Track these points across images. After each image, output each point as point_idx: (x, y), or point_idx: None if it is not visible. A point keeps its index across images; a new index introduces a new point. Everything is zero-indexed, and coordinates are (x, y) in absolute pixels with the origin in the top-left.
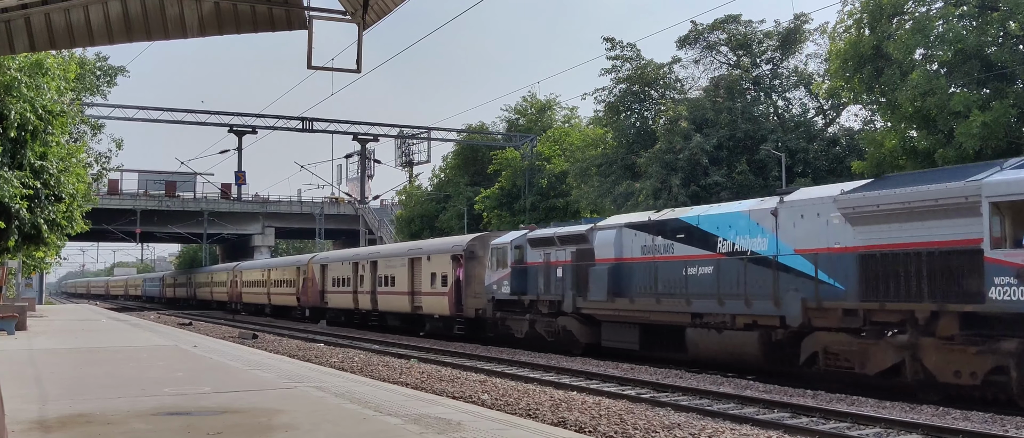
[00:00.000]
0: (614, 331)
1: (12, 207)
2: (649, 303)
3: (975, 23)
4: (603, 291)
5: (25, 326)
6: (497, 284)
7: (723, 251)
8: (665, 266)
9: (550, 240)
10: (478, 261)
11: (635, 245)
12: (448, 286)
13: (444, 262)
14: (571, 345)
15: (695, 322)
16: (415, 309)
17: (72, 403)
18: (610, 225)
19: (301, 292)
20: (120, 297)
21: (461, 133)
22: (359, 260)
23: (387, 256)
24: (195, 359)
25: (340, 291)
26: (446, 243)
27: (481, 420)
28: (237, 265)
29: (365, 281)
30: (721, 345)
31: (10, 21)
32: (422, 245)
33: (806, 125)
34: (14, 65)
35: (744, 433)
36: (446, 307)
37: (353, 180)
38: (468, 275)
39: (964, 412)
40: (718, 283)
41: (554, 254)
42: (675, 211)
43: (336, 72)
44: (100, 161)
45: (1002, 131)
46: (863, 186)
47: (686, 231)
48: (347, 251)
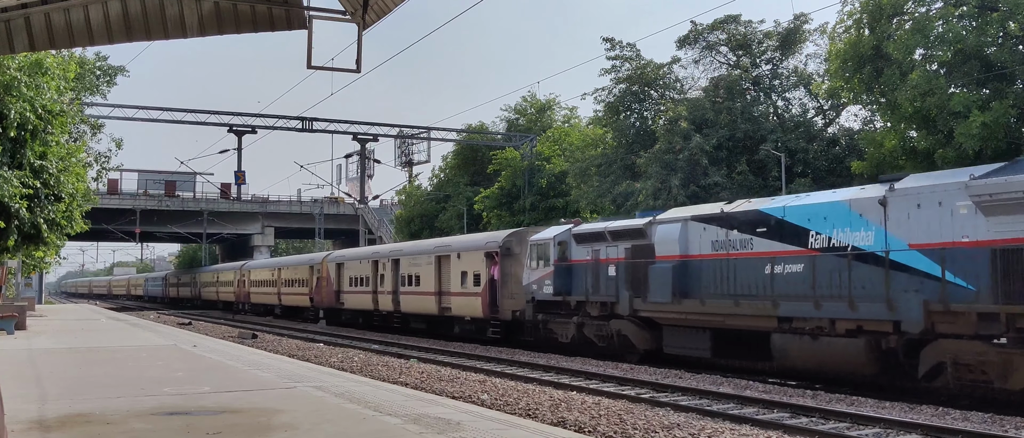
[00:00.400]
0: (679, 337)
1: (12, 206)
2: (724, 306)
3: (975, 23)
4: (666, 292)
5: (25, 326)
6: (537, 284)
7: (817, 246)
8: (744, 264)
9: (599, 235)
10: (515, 259)
11: (704, 240)
12: (481, 286)
13: (476, 260)
14: (626, 352)
15: (783, 327)
16: (442, 311)
17: (71, 403)
18: (673, 218)
19: (314, 292)
20: (122, 297)
21: (461, 133)
22: (379, 258)
23: (411, 254)
24: (195, 359)
25: (358, 291)
26: (479, 239)
27: (481, 420)
28: (245, 264)
29: (386, 280)
30: (817, 353)
31: (10, 21)
32: (451, 242)
33: (806, 125)
34: (14, 65)
35: (744, 433)
36: (479, 308)
37: (353, 180)
38: (504, 274)
39: (964, 412)
40: (813, 283)
41: (605, 251)
42: (752, 202)
43: (336, 72)
44: (100, 161)
45: (1002, 131)
46: (998, 170)
47: (768, 224)
48: (366, 248)
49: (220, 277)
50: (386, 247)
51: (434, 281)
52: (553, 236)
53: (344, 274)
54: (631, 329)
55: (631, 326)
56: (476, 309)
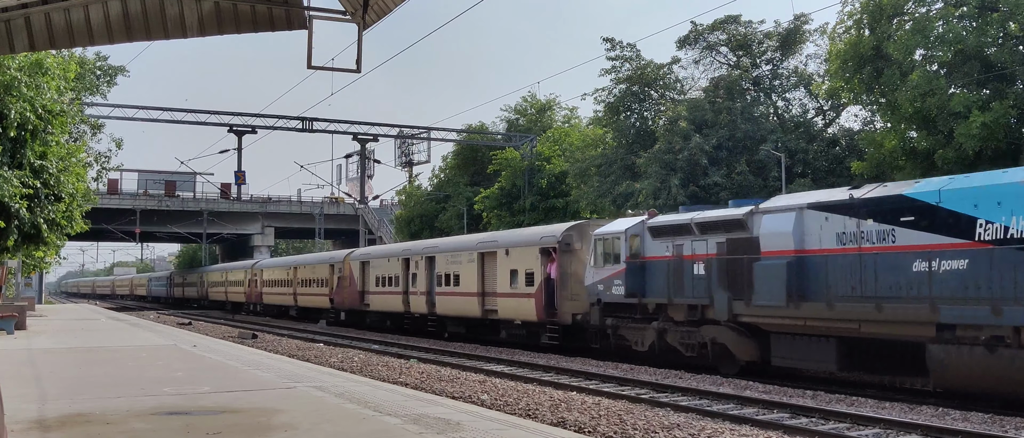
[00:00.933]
0: (794, 346)
1: (12, 206)
2: (861, 310)
3: (975, 24)
4: (778, 293)
5: (25, 325)
6: (604, 284)
7: (989, 238)
8: (885, 260)
9: (683, 228)
10: (574, 255)
11: (827, 232)
12: (535, 286)
13: (529, 257)
14: (723, 363)
15: (944, 336)
16: (486, 313)
17: (71, 403)
18: (783, 206)
19: (335, 292)
20: (126, 296)
21: (461, 133)
22: (412, 256)
23: (449, 250)
24: (194, 359)
25: (385, 292)
26: (532, 234)
27: (480, 420)
28: (257, 262)
29: (419, 280)
30: (994, 369)
31: (10, 21)
32: (497, 237)
33: (806, 125)
34: (14, 64)
35: (744, 433)
36: (533, 311)
37: (353, 180)
38: (563, 272)
39: (964, 412)
40: (988, 283)
41: (690, 245)
42: (890, 187)
43: (336, 72)
44: (100, 161)
45: (1002, 132)
46: None
47: (917, 211)
48: (395, 245)
49: (229, 276)
50: (419, 243)
51: (476, 281)
52: (624, 230)
53: (370, 273)
54: (730, 337)
55: (730, 333)
56: (528, 312)
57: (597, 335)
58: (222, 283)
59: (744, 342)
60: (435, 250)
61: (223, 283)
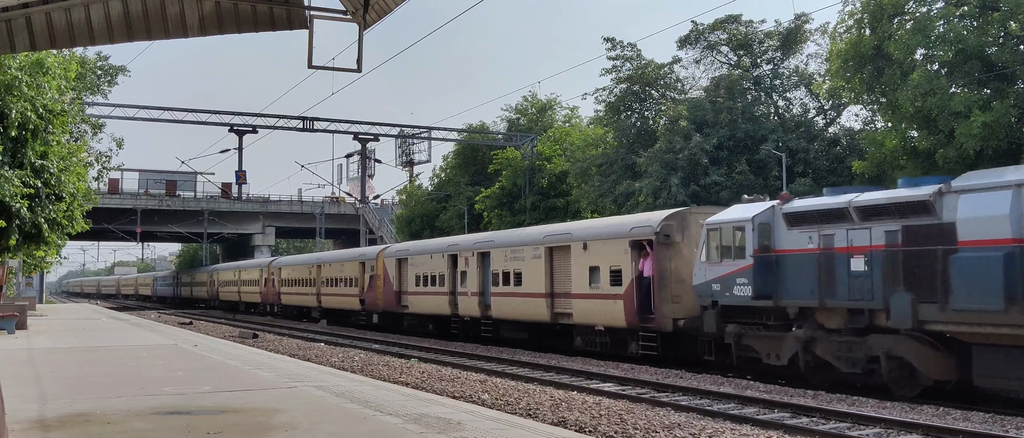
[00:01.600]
0: (1010, 363)
1: (13, 206)
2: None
3: (976, 23)
4: (988, 295)
5: (25, 325)
6: (722, 282)
7: None
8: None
9: (836, 214)
10: (674, 249)
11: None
12: (623, 285)
13: (615, 251)
14: (902, 383)
15: None
16: (557, 317)
17: (72, 402)
18: (989, 185)
19: (366, 293)
20: (130, 296)
21: (461, 133)
22: (460, 251)
23: (508, 245)
24: (195, 358)
25: (428, 292)
26: (618, 225)
27: (481, 420)
28: (274, 260)
29: (470, 278)
30: None
31: (11, 20)
32: (572, 229)
33: (806, 125)
34: (15, 64)
35: (744, 433)
36: (620, 315)
37: (354, 180)
38: (662, 270)
39: (964, 412)
40: None
41: (845, 235)
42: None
43: (337, 72)
44: (101, 160)
45: (1003, 131)
46: None
47: None
48: (441, 240)
49: (243, 275)
50: (469, 237)
51: (544, 279)
52: (750, 216)
53: (408, 271)
54: (913, 350)
55: (913, 345)
56: (614, 316)
57: (711, 345)
58: (234, 282)
59: (934, 357)
60: (490, 244)
61: (235, 282)
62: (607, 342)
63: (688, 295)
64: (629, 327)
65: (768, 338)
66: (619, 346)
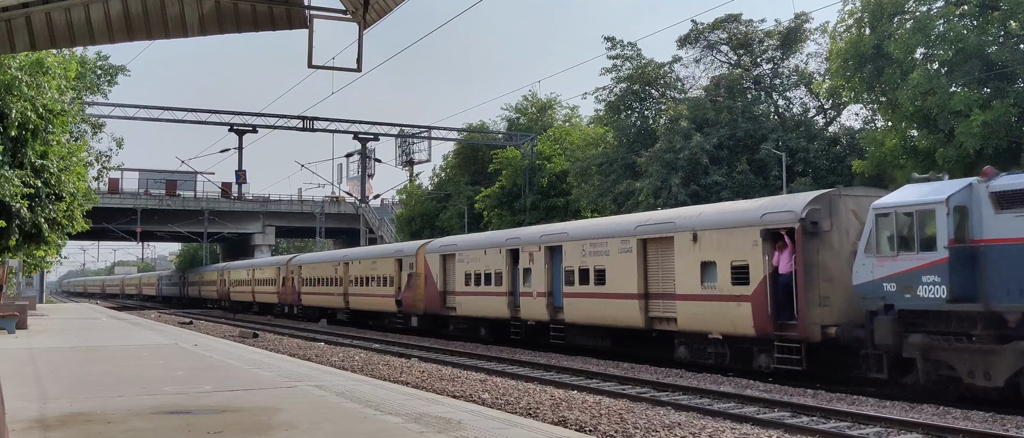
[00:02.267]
0: None
1: (13, 206)
2: None
3: (976, 22)
4: None
5: (26, 325)
6: (899, 281)
7: None
8: None
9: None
10: (822, 240)
11: None
12: (751, 284)
13: (739, 243)
14: None
15: None
16: (653, 323)
17: (72, 402)
18: None
19: (404, 293)
20: (134, 296)
21: (462, 132)
22: (522, 245)
23: (587, 237)
24: (195, 358)
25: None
26: (743, 210)
27: (482, 419)
28: (294, 258)
29: (534, 277)
30: None
31: (11, 20)
32: (675, 217)
33: (806, 124)
34: (15, 64)
35: (745, 432)
36: (747, 321)
37: (354, 179)
38: (808, 265)
39: (965, 412)
40: None
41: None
42: None
43: (337, 71)
44: (101, 160)
45: (1003, 130)
46: None
47: None
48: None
49: (257, 274)
50: (536, 229)
51: (635, 277)
52: (944, 198)
53: (455, 269)
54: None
55: None
56: (738, 322)
57: (883, 360)
58: (247, 282)
59: None
60: (562, 237)
61: (249, 282)
62: (725, 354)
63: (840, 296)
64: (759, 335)
65: (974, 352)
66: (741, 358)
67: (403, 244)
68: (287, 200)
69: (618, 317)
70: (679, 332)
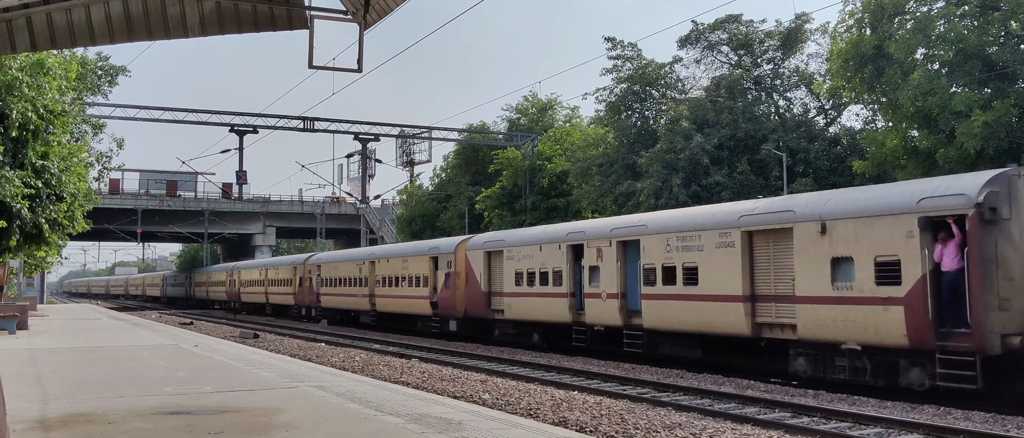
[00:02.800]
0: None
1: (13, 206)
2: None
3: (976, 23)
4: None
5: (26, 325)
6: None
7: None
8: None
9: None
10: (1000, 230)
11: None
12: (904, 284)
13: (887, 234)
14: None
15: None
16: (761, 329)
17: (73, 402)
18: None
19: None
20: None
21: (462, 133)
22: (587, 239)
23: (672, 229)
24: (196, 358)
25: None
26: (893, 194)
27: (482, 420)
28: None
29: (605, 275)
30: None
31: (11, 20)
32: (794, 204)
33: (807, 125)
34: (15, 65)
35: (745, 433)
36: (898, 329)
37: (354, 180)
38: (986, 260)
39: (965, 412)
40: None
41: None
42: None
43: (337, 72)
44: (101, 160)
45: (1003, 131)
46: None
47: None
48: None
49: (270, 274)
50: (606, 222)
51: (739, 276)
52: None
53: (503, 267)
54: None
55: None
56: (886, 330)
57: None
58: (259, 282)
59: None
60: (640, 230)
61: (262, 283)
62: (863, 367)
63: (1023, 299)
64: (914, 346)
65: None
66: (885, 373)
67: (440, 240)
68: (288, 201)
69: (714, 323)
70: (798, 341)
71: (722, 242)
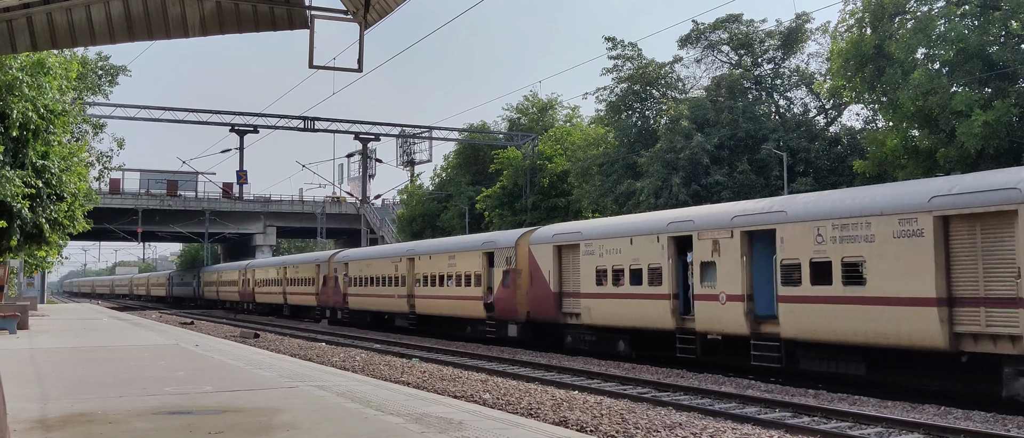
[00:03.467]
0: None
1: (14, 206)
2: None
3: (977, 22)
4: None
5: (27, 325)
6: None
7: None
8: None
9: None
10: None
11: None
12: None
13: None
14: None
15: None
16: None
17: (73, 402)
18: None
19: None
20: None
21: (462, 132)
22: (697, 231)
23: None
24: (196, 358)
25: (624, 294)
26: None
27: (483, 419)
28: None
29: (723, 273)
30: None
31: (12, 20)
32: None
33: (807, 124)
34: (16, 64)
35: (746, 433)
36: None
37: (355, 179)
38: None
39: (966, 412)
40: None
41: None
42: None
43: (338, 71)
44: (102, 160)
45: (1004, 130)
46: None
47: None
48: (650, 216)
49: (290, 273)
50: (721, 209)
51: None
52: None
53: (579, 264)
54: None
55: None
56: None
57: None
58: (277, 282)
59: None
60: (777, 218)
61: (279, 282)
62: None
63: None
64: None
65: None
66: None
67: (495, 234)
68: (288, 200)
69: (888, 333)
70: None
71: (903, 230)
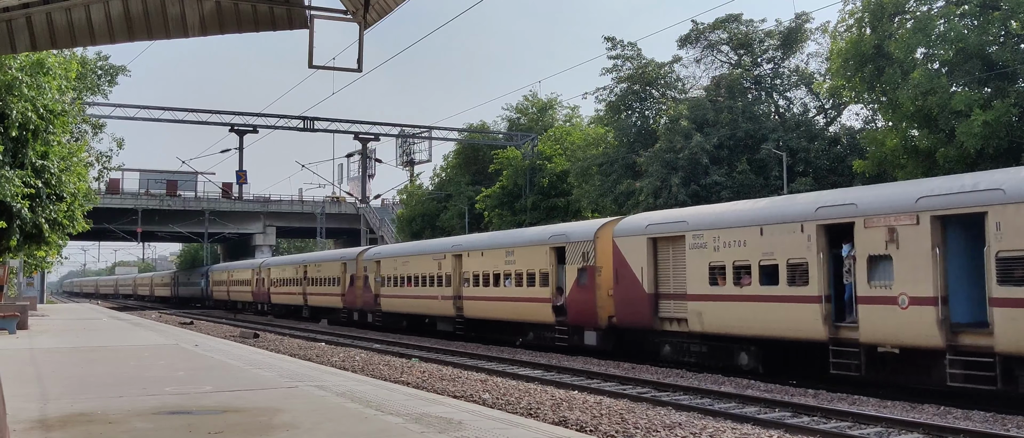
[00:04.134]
0: None
1: (13, 206)
2: None
3: (976, 22)
4: None
5: (27, 325)
6: None
7: None
8: None
9: None
10: None
11: None
12: None
13: None
14: None
15: None
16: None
17: (73, 402)
18: None
19: (571, 295)
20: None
21: (462, 132)
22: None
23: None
24: (196, 358)
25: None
26: None
27: (482, 419)
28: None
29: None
30: None
31: (11, 20)
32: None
33: (807, 124)
34: (15, 64)
35: (745, 432)
36: None
37: (354, 179)
38: None
39: (965, 411)
40: None
41: None
42: None
43: (337, 71)
44: (101, 160)
45: (1003, 130)
46: None
47: None
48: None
49: (310, 272)
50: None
51: None
52: None
53: (684, 259)
54: None
55: None
56: None
57: None
58: (296, 282)
59: None
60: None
61: (299, 282)
62: None
63: None
64: None
65: None
66: None
67: (567, 225)
68: (288, 200)
69: None
70: None
71: None
